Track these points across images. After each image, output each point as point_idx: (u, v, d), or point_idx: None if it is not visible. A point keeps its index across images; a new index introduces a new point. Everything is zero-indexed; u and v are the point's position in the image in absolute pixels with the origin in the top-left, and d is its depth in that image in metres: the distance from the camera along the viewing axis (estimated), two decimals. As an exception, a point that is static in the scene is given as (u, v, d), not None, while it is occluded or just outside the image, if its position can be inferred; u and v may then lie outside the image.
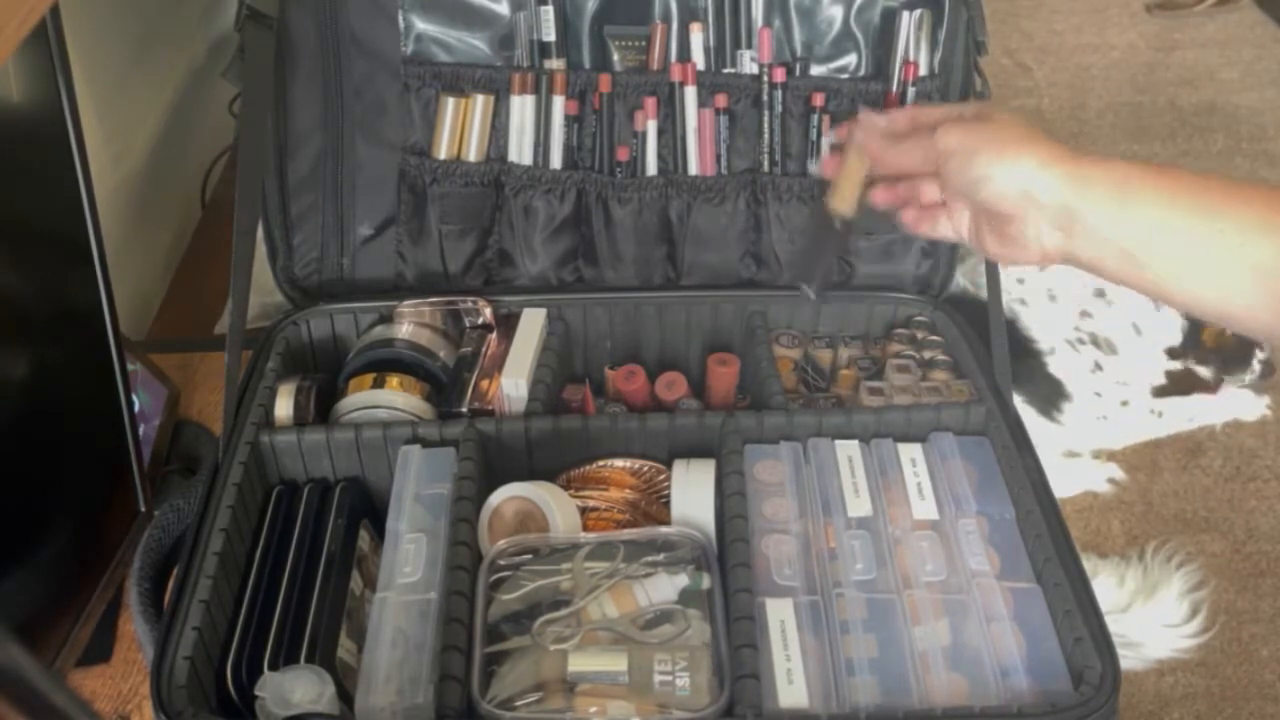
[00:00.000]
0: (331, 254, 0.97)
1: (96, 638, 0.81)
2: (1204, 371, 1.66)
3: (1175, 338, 1.62)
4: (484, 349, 0.89)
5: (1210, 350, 1.63)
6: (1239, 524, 1.53)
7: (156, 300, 1.29)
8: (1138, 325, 1.59)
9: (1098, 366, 1.55)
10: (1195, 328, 1.61)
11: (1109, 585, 1.39)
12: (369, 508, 0.83)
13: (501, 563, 0.74)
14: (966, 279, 1.30)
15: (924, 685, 0.68)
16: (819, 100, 0.94)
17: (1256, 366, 1.65)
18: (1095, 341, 1.56)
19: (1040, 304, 1.56)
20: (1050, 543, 0.74)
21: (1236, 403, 1.67)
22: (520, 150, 0.95)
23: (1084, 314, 1.57)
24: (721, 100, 0.94)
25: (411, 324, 0.92)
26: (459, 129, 0.95)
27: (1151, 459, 1.60)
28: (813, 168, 0.81)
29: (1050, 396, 1.53)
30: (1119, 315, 1.59)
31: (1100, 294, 1.59)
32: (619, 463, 0.84)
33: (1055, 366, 1.54)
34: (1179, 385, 1.64)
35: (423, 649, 0.70)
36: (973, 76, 0.92)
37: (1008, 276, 1.49)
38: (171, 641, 0.68)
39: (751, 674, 0.66)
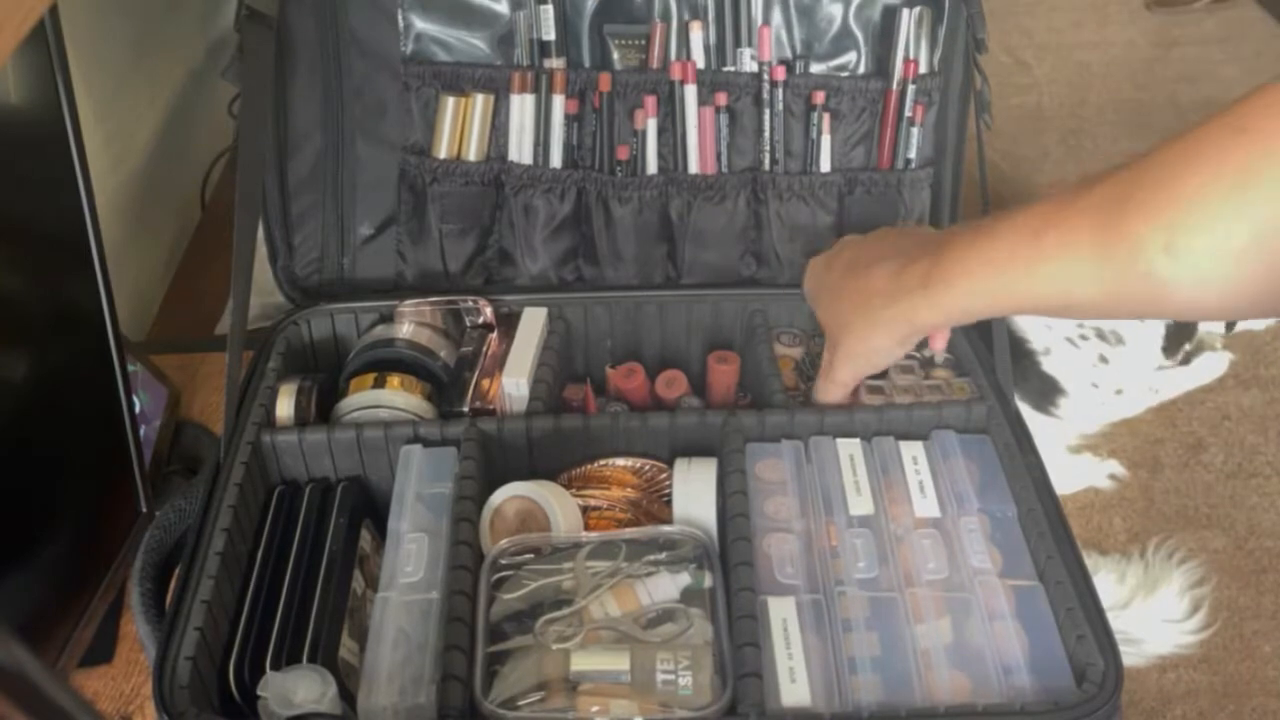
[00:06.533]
0: (332, 254, 0.97)
1: (98, 638, 0.81)
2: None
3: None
4: (485, 348, 0.89)
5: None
6: (1240, 520, 1.53)
7: (157, 301, 1.29)
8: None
9: (1102, 359, 1.54)
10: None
11: (1110, 582, 1.39)
12: (370, 507, 0.83)
13: (503, 562, 0.74)
14: None
15: (926, 683, 0.68)
16: (819, 98, 0.94)
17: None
18: (1101, 335, 1.54)
19: None
20: (1052, 540, 0.74)
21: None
22: (520, 149, 0.95)
23: None
24: (721, 98, 0.94)
25: (412, 324, 0.92)
26: (459, 128, 0.95)
27: (1153, 455, 1.60)
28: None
29: (1045, 393, 1.52)
30: None
31: None
32: (620, 461, 0.84)
33: (1050, 365, 1.52)
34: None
35: (425, 648, 0.70)
36: (972, 74, 0.92)
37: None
38: (173, 642, 0.68)
39: (754, 672, 0.66)
